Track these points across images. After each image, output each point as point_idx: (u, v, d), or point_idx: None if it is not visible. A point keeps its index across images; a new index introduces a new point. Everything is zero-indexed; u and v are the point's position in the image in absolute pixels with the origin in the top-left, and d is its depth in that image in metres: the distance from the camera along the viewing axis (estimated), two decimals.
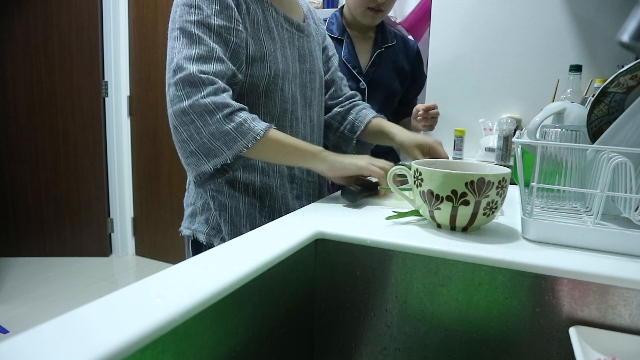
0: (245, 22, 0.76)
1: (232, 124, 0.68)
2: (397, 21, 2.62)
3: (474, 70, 1.72)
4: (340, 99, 1.09)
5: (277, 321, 0.51)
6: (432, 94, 1.81)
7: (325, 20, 1.48)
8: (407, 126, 1.50)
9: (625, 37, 0.99)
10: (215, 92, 0.68)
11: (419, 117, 1.35)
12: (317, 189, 0.98)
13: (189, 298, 0.37)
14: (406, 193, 0.67)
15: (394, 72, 1.47)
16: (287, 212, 0.87)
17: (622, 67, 0.60)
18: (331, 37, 1.43)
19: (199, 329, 0.38)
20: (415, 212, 0.66)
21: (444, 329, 0.53)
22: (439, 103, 1.79)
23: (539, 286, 0.49)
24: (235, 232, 0.83)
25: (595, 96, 0.65)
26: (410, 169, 0.62)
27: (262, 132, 0.69)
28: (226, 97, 0.69)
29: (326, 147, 1.52)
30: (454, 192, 0.54)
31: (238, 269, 0.44)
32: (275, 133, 0.73)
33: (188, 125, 0.68)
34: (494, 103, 1.71)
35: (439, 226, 0.60)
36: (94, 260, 2.80)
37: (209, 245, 0.85)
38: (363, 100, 1.14)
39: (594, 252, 0.52)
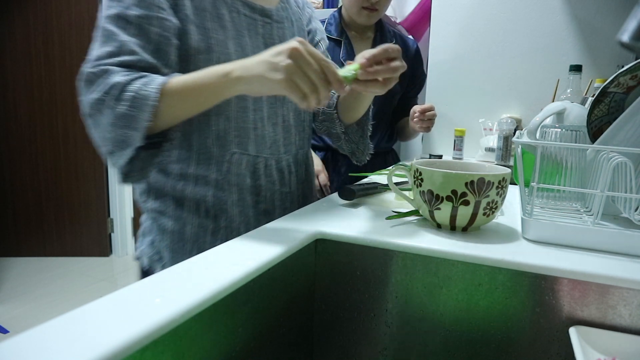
0: (184, 10, 0.67)
1: (124, 103, 0.58)
2: (397, 21, 2.62)
3: (474, 70, 1.72)
4: None
5: (277, 321, 0.51)
6: (432, 94, 1.81)
7: (323, 22, 1.48)
8: (406, 126, 1.50)
9: (625, 37, 0.99)
10: (106, 79, 0.59)
11: (415, 119, 1.35)
12: (297, 200, 0.84)
13: (189, 298, 0.37)
14: (406, 193, 0.67)
15: None
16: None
17: (622, 67, 0.60)
18: (330, 38, 1.43)
19: (199, 329, 0.38)
20: (415, 212, 0.66)
21: (444, 329, 0.53)
22: (438, 103, 1.79)
23: (539, 286, 0.49)
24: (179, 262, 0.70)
25: (595, 96, 0.65)
26: (410, 169, 0.62)
27: (157, 94, 0.59)
28: (114, 76, 0.59)
29: (327, 148, 1.52)
30: (454, 192, 0.54)
31: (238, 269, 0.44)
32: (174, 84, 0.61)
33: (92, 128, 0.62)
34: (494, 103, 1.71)
35: (439, 226, 0.60)
36: (94, 260, 2.80)
37: (152, 272, 0.75)
38: None
39: (594, 252, 0.52)
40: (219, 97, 0.62)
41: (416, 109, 1.35)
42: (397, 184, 0.86)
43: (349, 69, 0.59)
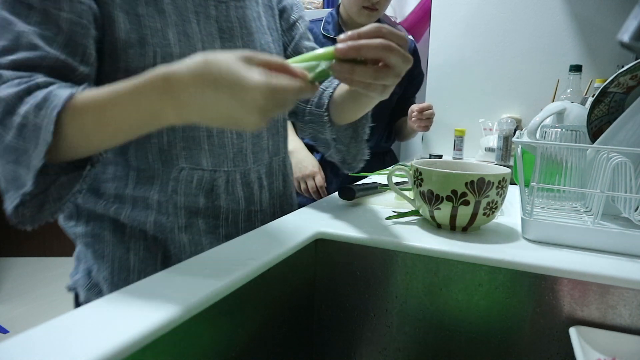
0: None
1: (10, 132, 0.43)
2: (397, 21, 2.62)
3: (474, 70, 1.72)
4: None
5: (277, 321, 0.51)
6: (432, 94, 1.81)
7: (321, 20, 1.47)
8: (404, 126, 1.50)
9: (625, 37, 0.99)
10: None
11: (413, 118, 1.34)
12: (271, 219, 0.69)
13: (189, 298, 0.37)
14: (406, 193, 0.67)
15: None
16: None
17: (622, 67, 0.60)
18: (327, 37, 1.42)
19: (199, 329, 0.38)
20: (415, 212, 0.66)
21: (444, 329, 0.53)
22: (438, 103, 1.79)
23: (539, 286, 0.49)
24: None
25: (595, 96, 0.65)
26: (410, 169, 0.62)
27: (51, 125, 0.42)
28: (1, 88, 0.44)
29: (312, 148, 1.44)
30: (454, 192, 0.54)
31: (238, 269, 0.44)
32: (80, 103, 0.44)
33: None
34: (494, 103, 1.71)
35: (439, 226, 0.60)
36: None
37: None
38: None
39: (594, 252, 0.52)
40: (145, 131, 0.46)
41: (414, 108, 1.35)
42: (397, 184, 0.86)
43: (315, 66, 0.45)
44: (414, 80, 1.55)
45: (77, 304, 0.65)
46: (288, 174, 0.77)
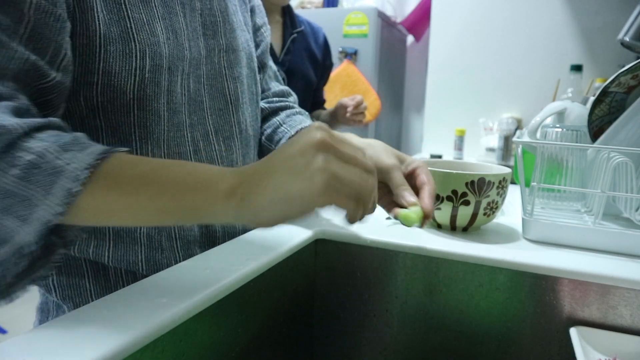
0: None
1: (13, 171, 0.31)
2: (397, 21, 2.62)
3: (474, 70, 1.72)
4: (265, 92, 0.71)
5: (277, 321, 0.51)
6: (432, 93, 1.81)
7: None
8: (327, 120, 1.37)
9: (626, 36, 0.99)
10: None
11: (348, 114, 1.27)
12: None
13: (189, 298, 0.37)
14: None
15: (308, 60, 1.35)
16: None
17: (623, 66, 0.60)
18: None
19: (199, 329, 0.38)
20: None
21: (444, 329, 0.53)
22: (439, 102, 1.79)
23: (539, 286, 0.48)
24: None
25: (596, 96, 0.65)
26: None
27: (89, 163, 0.32)
28: None
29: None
30: (454, 192, 0.54)
31: (238, 269, 0.43)
32: (119, 163, 0.34)
33: None
34: (494, 103, 1.71)
35: (439, 226, 0.60)
36: None
37: None
38: None
39: (595, 252, 0.52)
40: (188, 219, 0.35)
41: (348, 102, 1.27)
42: None
43: (414, 212, 0.46)
44: (327, 70, 1.47)
45: None
46: None
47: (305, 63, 1.33)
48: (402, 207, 0.48)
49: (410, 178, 0.51)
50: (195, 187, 0.33)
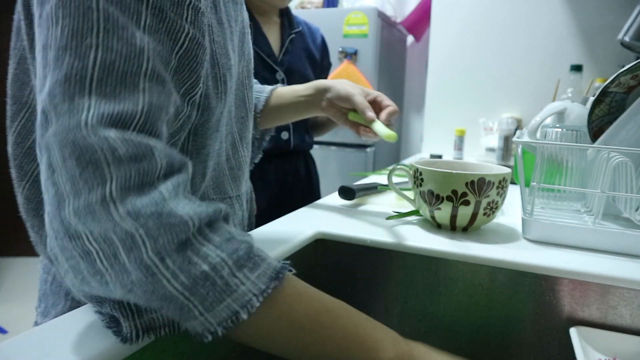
0: None
1: (181, 278, 0.28)
2: (397, 21, 2.63)
3: (474, 70, 1.72)
4: None
5: None
6: (432, 93, 1.81)
7: None
8: (325, 120, 1.31)
9: (626, 36, 0.99)
10: (142, 183, 0.28)
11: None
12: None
13: None
14: (406, 193, 0.67)
15: (307, 61, 1.33)
16: None
17: (623, 66, 0.60)
18: None
19: None
20: (415, 212, 0.66)
21: (444, 329, 0.53)
22: (439, 102, 1.79)
23: (539, 286, 0.48)
24: None
25: (596, 96, 0.65)
26: (410, 169, 0.62)
27: (262, 289, 0.30)
28: (166, 197, 0.28)
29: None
30: (454, 192, 0.54)
31: None
32: (293, 293, 0.33)
33: (72, 261, 0.28)
34: (494, 103, 1.71)
35: (439, 226, 0.60)
36: None
37: None
38: None
39: (595, 252, 0.52)
40: None
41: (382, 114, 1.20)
42: (397, 184, 0.86)
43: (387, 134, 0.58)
44: (324, 71, 1.43)
45: None
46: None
47: (303, 63, 1.32)
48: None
49: (375, 104, 0.64)
50: (363, 344, 0.33)
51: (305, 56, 1.33)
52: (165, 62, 0.33)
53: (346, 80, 0.67)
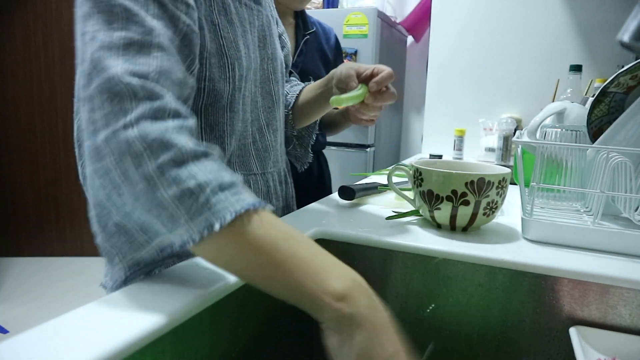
0: None
1: (171, 189, 0.35)
2: (397, 21, 2.62)
3: (474, 70, 1.72)
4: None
5: (277, 321, 0.51)
6: (432, 93, 1.81)
7: None
8: (338, 119, 1.34)
9: (625, 37, 0.99)
10: (154, 116, 0.37)
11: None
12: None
13: (189, 298, 0.37)
14: (406, 193, 0.67)
15: (321, 62, 1.34)
16: None
17: (622, 67, 0.60)
18: None
19: (199, 329, 0.38)
20: (415, 212, 0.66)
21: (444, 329, 0.53)
22: (439, 102, 1.79)
23: (539, 286, 0.49)
24: None
25: (595, 96, 0.65)
26: (410, 169, 0.62)
27: (236, 212, 0.35)
28: (170, 129, 0.37)
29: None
30: (454, 192, 0.54)
31: None
32: (261, 220, 0.36)
33: (102, 179, 0.37)
34: (494, 103, 1.71)
35: (439, 226, 0.60)
36: (94, 260, 2.80)
37: None
38: None
39: (594, 252, 0.52)
40: (285, 294, 0.37)
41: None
42: (397, 184, 0.86)
43: (354, 96, 0.61)
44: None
45: None
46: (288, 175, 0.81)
47: (317, 64, 1.32)
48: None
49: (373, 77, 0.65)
50: (316, 274, 0.35)
51: (319, 57, 1.34)
52: (170, 40, 0.43)
53: (347, 63, 0.70)
